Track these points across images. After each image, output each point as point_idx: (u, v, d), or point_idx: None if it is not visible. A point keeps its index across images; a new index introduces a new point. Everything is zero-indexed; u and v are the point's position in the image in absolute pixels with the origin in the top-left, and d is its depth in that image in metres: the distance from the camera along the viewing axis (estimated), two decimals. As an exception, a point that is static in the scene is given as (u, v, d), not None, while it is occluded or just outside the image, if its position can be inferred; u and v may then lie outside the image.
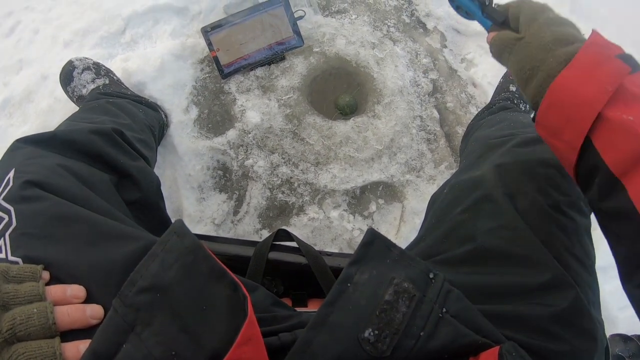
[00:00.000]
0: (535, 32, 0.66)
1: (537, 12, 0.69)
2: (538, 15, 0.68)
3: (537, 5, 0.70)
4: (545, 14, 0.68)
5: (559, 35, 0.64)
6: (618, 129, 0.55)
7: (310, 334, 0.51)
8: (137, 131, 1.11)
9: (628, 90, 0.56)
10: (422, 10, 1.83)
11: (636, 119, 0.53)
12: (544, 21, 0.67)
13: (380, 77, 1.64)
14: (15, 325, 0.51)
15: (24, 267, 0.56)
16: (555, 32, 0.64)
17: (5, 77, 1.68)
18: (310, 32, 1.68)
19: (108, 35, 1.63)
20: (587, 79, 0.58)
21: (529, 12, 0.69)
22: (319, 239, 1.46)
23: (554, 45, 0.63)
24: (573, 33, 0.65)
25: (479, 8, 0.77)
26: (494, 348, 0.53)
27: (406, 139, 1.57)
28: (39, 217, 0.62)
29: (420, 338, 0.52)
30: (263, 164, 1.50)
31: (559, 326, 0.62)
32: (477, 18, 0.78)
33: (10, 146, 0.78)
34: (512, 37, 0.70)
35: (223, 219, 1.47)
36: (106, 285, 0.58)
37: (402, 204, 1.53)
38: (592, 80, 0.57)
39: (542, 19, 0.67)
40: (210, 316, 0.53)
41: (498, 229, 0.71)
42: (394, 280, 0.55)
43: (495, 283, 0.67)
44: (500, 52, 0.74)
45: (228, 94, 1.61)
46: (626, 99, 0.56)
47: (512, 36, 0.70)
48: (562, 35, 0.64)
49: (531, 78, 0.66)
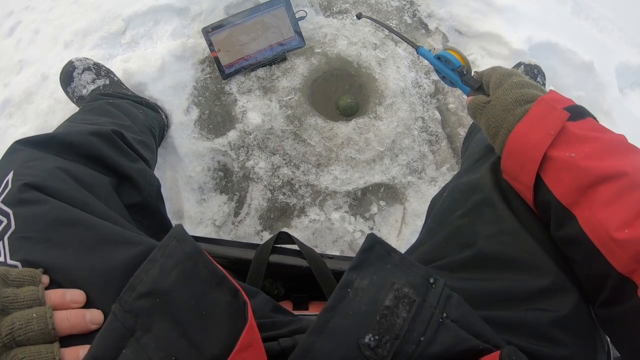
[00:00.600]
0: (500, 95, 0.76)
1: (504, 78, 0.78)
2: (504, 80, 0.78)
3: (504, 72, 0.80)
4: (511, 79, 0.77)
5: (519, 96, 0.73)
6: (562, 165, 0.64)
7: (311, 339, 0.51)
8: (137, 132, 1.11)
9: (570, 132, 0.65)
10: (424, 11, 1.82)
11: (577, 155, 0.63)
12: (508, 85, 0.76)
13: (381, 78, 1.64)
14: (14, 330, 0.50)
15: (23, 271, 0.55)
16: (516, 94, 0.74)
17: (6, 78, 1.68)
18: (312, 32, 1.68)
19: (108, 35, 1.63)
20: (535, 128, 0.68)
21: (497, 79, 0.79)
22: (320, 240, 1.45)
23: (513, 105, 0.73)
24: (532, 93, 0.74)
25: (458, 77, 0.90)
26: (495, 353, 0.53)
27: (408, 140, 1.57)
28: (38, 220, 0.62)
29: (421, 343, 0.52)
30: (264, 165, 1.50)
31: (559, 331, 0.61)
32: (458, 85, 0.90)
33: (9, 148, 0.78)
34: (482, 100, 0.80)
35: (224, 221, 1.47)
36: (106, 290, 0.58)
37: (403, 205, 1.53)
38: (538, 128, 0.67)
39: (507, 84, 0.76)
40: (210, 322, 0.52)
41: (497, 234, 0.72)
42: (395, 285, 0.55)
43: (496, 288, 0.67)
44: (474, 114, 0.82)
45: (229, 95, 1.60)
46: (569, 140, 0.65)
47: (483, 100, 0.80)
48: (522, 96, 0.73)
49: (496, 135, 0.75)
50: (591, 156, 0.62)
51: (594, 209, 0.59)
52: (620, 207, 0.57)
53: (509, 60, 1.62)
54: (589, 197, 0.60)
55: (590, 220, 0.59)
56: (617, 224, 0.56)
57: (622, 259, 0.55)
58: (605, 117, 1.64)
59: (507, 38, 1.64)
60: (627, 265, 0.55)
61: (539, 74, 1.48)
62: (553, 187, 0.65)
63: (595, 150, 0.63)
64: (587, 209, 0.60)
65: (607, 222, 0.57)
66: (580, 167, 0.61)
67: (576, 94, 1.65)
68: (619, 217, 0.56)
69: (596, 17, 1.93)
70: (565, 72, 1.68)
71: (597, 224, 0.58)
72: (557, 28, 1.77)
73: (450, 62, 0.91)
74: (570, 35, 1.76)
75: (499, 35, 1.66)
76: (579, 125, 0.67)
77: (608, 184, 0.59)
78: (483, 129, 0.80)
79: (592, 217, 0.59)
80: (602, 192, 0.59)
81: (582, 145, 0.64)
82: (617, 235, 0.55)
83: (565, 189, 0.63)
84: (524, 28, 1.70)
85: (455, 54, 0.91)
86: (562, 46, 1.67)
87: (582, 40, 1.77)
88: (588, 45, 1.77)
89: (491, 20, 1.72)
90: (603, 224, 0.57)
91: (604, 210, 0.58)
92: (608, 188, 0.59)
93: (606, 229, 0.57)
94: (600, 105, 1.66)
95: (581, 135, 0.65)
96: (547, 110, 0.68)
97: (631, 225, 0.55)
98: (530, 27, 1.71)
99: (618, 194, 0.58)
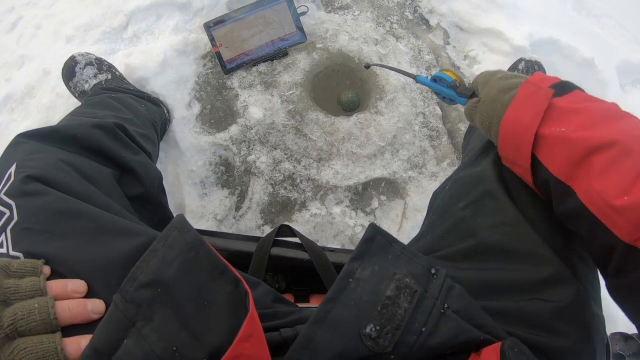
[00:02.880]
0: (487, 91, 0.78)
1: (489, 76, 0.81)
2: (489, 78, 0.80)
3: (489, 72, 0.83)
4: (495, 76, 0.80)
5: (503, 86, 0.75)
6: (554, 141, 0.64)
7: (312, 330, 0.51)
8: (139, 126, 1.11)
9: (558, 107, 0.66)
10: (425, 7, 1.82)
11: (567, 129, 0.63)
12: (493, 81, 0.78)
13: (383, 74, 1.63)
14: (16, 320, 0.51)
15: (25, 262, 0.56)
16: (500, 85, 0.76)
17: (7, 73, 1.68)
18: (313, 28, 1.68)
19: (110, 30, 1.63)
20: (523, 109, 0.69)
21: (483, 79, 0.82)
22: (321, 235, 1.46)
23: (500, 95, 0.74)
24: (516, 81, 0.75)
25: (454, 92, 0.94)
26: (496, 344, 0.53)
27: (409, 135, 1.57)
28: (40, 212, 0.62)
29: (422, 334, 0.52)
30: (265, 159, 1.50)
31: (560, 322, 0.62)
32: (456, 99, 0.94)
33: (11, 141, 0.78)
34: (474, 101, 0.82)
35: (225, 215, 1.47)
36: (107, 281, 0.58)
37: (404, 200, 1.53)
38: (526, 109, 0.68)
39: (492, 80, 0.79)
40: (212, 312, 0.52)
41: (499, 225, 0.72)
42: (396, 275, 0.55)
43: (497, 279, 0.67)
44: (470, 116, 0.84)
45: (230, 90, 1.60)
46: (558, 116, 0.66)
47: (474, 101, 0.82)
48: (506, 86, 0.75)
49: (490, 126, 0.76)
50: (581, 127, 0.62)
51: (590, 180, 0.59)
52: (616, 175, 0.57)
53: (510, 57, 1.62)
54: (584, 168, 0.60)
55: (588, 191, 0.59)
56: (614, 192, 0.56)
57: (624, 227, 0.55)
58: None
59: (508, 34, 1.63)
60: (630, 233, 0.54)
61: (540, 70, 1.48)
62: (549, 164, 0.65)
63: (584, 121, 0.63)
64: (584, 181, 0.60)
65: (604, 192, 0.56)
66: (572, 140, 0.62)
67: (577, 90, 1.64)
68: (616, 185, 0.56)
69: (598, 14, 1.93)
70: (566, 68, 1.68)
71: (595, 194, 0.58)
72: (559, 24, 1.77)
73: (444, 80, 0.96)
74: (572, 32, 1.76)
75: (500, 31, 1.66)
76: (565, 100, 0.67)
77: (601, 154, 0.58)
78: (479, 127, 0.81)
79: (590, 188, 0.58)
80: (597, 162, 0.58)
81: (572, 118, 0.64)
82: (616, 203, 0.55)
83: (561, 164, 0.63)
84: (525, 24, 1.69)
85: (447, 72, 0.97)
86: (564, 43, 1.67)
87: (583, 37, 1.77)
88: (589, 42, 1.76)
89: (492, 16, 1.72)
90: (601, 194, 0.57)
91: (600, 180, 0.58)
92: (602, 157, 0.58)
93: (604, 199, 0.56)
94: (601, 102, 1.65)
95: (569, 109, 0.65)
96: (532, 91, 0.69)
97: (629, 192, 0.54)
98: (531, 23, 1.71)
99: (612, 163, 0.57)
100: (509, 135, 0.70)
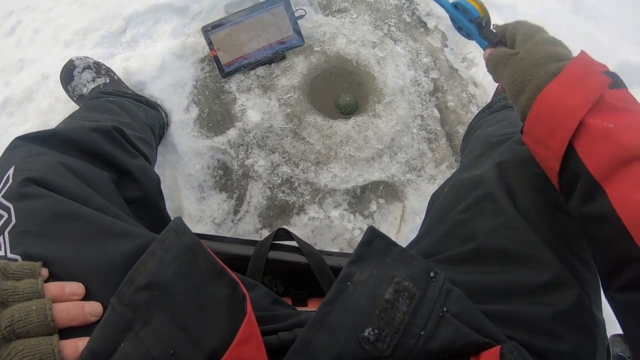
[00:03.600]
0: (530, 48, 0.71)
1: (534, 32, 0.74)
2: (534, 34, 0.73)
3: (534, 26, 0.75)
4: (540, 34, 0.73)
5: (551, 52, 0.68)
6: (599, 135, 0.58)
7: (310, 333, 0.51)
8: (137, 130, 1.11)
9: (607, 102, 0.59)
10: (423, 10, 1.82)
11: (616, 126, 0.57)
12: (539, 40, 0.71)
13: (381, 77, 1.64)
14: (13, 322, 0.50)
15: (22, 264, 0.55)
16: (548, 49, 0.69)
17: (6, 77, 1.68)
18: (311, 31, 1.68)
19: (109, 34, 1.63)
20: (572, 90, 0.61)
21: (526, 31, 0.74)
22: (320, 238, 1.45)
23: (545, 60, 0.67)
24: (564, 52, 0.69)
25: (476, 30, 0.85)
26: (495, 347, 0.53)
27: (407, 138, 1.57)
28: (38, 214, 0.62)
29: (421, 337, 0.52)
30: (263, 163, 1.50)
31: (560, 325, 0.61)
32: (475, 38, 0.86)
33: (10, 144, 0.78)
34: (508, 52, 0.75)
35: (223, 219, 1.47)
36: (105, 283, 0.58)
37: (402, 203, 1.53)
38: (576, 91, 0.61)
39: (537, 38, 0.72)
40: (209, 315, 0.52)
41: (499, 227, 0.71)
42: (395, 279, 0.55)
43: (497, 282, 0.67)
44: (495, 66, 0.77)
45: (228, 93, 1.61)
46: (608, 109, 0.59)
47: (508, 52, 0.75)
48: (554, 53, 0.68)
49: (522, 90, 0.70)
50: (631, 129, 0.57)
51: (629, 187, 0.54)
52: None
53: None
54: (625, 173, 0.55)
55: (624, 199, 0.54)
56: None
57: None
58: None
59: (506, 36, 1.63)
60: None
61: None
62: (586, 158, 0.59)
63: (634, 123, 0.57)
64: (621, 186, 0.55)
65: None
66: (619, 140, 0.56)
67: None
68: None
69: (596, 15, 1.93)
70: (564, 70, 1.68)
71: (632, 204, 0.53)
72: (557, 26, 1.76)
73: (469, 12, 0.85)
74: (570, 34, 1.76)
75: (498, 33, 1.66)
76: (615, 95, 0.61)
77: None
78: (506, 84, 0.74)
79: (627, 196, 0.54)
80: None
81: (621, 116, 0.58)
82: None
83: (600, 161, 0.57)
84: (523, 26, 1.70)
85: (474, 4, 0.86)
86: (562, 45, 1.67)
87: (581, 39, 1.77)
88: (587, 43, 1.76)
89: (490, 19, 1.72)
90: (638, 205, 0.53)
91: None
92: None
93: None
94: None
95: (619, 106, 0.59)
96: (585, 72, 0.63)
97: None
98: (529, 25, 1.71)
99: None
100: (547, 113, 0.63)
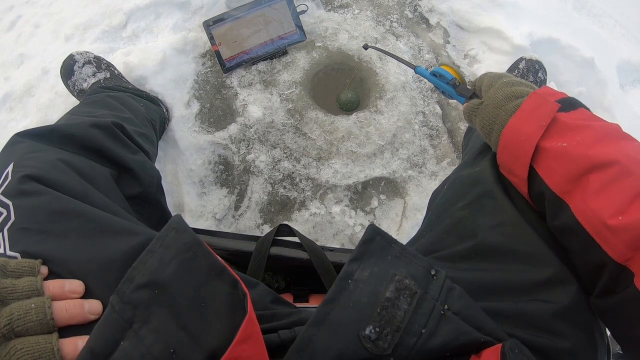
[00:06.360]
0: (491, 95, 0.78)
1: (494, 80, 0.81)
2: (494, 82, 0.80)
3: (494, 75, 0.83)
4: (500, 80, 0.80)
5: (509, 93, 0.75)
6: (555, 155, 0.65)
7: (310, 332, 0.51)
8: (138, 125, 1.11)
9: (562, 122, 0.67)
10: (425, 6, 1.82)
11: (569, 144, 0.63)
12: (499, 85, 0.78)
13: (382, 73, 1.63)
14: (12, 321, 0.50)
15: (22, 262, 0.55)
16: (506, 91, 0.76)
17: (6, 72, 1.68)
18: (313, 26, 1.67)
19: (109, 29, 1.63)
20: (526, 120, 0.69)
21: (487, 81, 0.82)
22: (321, 234, 1.45)
23: (505, 102, 0.75)
24: (523, 89, 0.75)
25: (453, 89, 0.94)
26: (497, 345, 0.53)
27: (408, 134, 1.56)
28: (37, 211, 0.62)
29: (422, 336, 0.52)
30: (265, 158, 1.50)
31: (560, 322, 0.61)
32: (454, 97, 0.95)
33: (9, 140, 0.78)
34: (475, 103, 0.82)
35: (224, 214, 1.47)
36: (105, 281, 0.58)
37: (404, 199, 1.53)
38: (530, 120, 0.69)
39: (497, 84, 0.79)
40: (210, 313, 0.52)
41: (499, 225, 0.72)
42: (395, 277, 0.55)
43: (497, 280, 0.67)
44: (469, 117, 0.84)
45: (230, 89, 1.60)
46: (560, 130, 0.66)
47: (475, 102, 0.82)
48: (512, 93, 0.75)
49: (491, 132, 0.77)
50: (582, 145, 0.62)
51: (586, 197, 0.59)
52: (613, 195, 0.57)
53: (510, 56, 1.61)
54: (582, 185, 0.61)
55: (584, 208, 0.60)
56: (610, 211, 0.56)
57: (616, 246, 0.55)
58: (606, 114, 1.63)
59: (508, 33, 1.63)
60: (622, 253, 0.55)
61: (540, 69, 1.48)
62: (546, 177, 0.66)
63: (586, 138, 0.63)
64: (580, 197, 0.60)
65: (600, 210, 0.57)
66: (572, 156, 0.62)
67: (577, 90, 1.64)
68: (612, 205, 0.57)
69: (598, 13, 1.92)
70: (566, 68, 1.67)
71: (590, 212, 0.58)
72: (559, 24, 1.76)
73: (444, 77, 0.96)
74: (572, 32, 1.75)
75: (500, 30, 1.66)
76: (570, 116, 0.68)
77: (600, 172, 0.59)
78: (479, 129, 0.81)
79: (585, 205, 0.59)
80: (595, 180, 0.59)
81: (574, 134, 0.64)
82: (611, 222, 0.56)
83: (558, 178, 0.64)
84: (525, 24, 1.69)
85: (447, 69, 0.97)
86: (564, 42, 1.66)
87: (583, 37, 1.76)
88: (589, 41, 1.76)
89: (492, 15, 1.71)
90: (596, 212, 0.58)
91: (596, 198, 0.58)
92: (600, 176, 0.59)
93: (599, 217, 0.57)
94: (600, 102, 1.65)
95: (573, 125, 0.65)
96: (538, 103, 0.69)
97: (624, 212, 0.55)
98: (531, 22, 1.71)
99: (610, 182, 0.58)
100: (509, 145, 0.71)
